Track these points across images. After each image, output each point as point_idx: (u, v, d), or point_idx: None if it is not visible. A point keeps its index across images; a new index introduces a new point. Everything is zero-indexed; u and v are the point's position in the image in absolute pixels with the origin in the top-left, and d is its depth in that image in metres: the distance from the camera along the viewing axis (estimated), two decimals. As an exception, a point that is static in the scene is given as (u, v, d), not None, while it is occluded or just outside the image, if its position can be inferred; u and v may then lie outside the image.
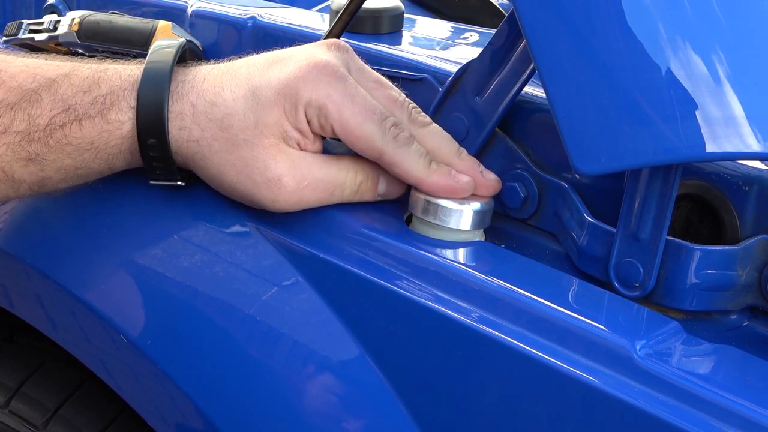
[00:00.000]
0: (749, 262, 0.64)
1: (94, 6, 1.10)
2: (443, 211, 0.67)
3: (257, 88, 0.66)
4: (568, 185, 0.71)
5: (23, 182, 0.68)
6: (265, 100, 0.66)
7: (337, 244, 0.68)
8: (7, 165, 0.67)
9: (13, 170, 0.67)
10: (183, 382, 0.70)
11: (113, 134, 0.67)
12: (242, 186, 0.67)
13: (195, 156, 0.67)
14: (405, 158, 0.67)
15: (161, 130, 0.66)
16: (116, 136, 0.67)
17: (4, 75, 0.67)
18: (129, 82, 0.68)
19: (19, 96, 0.66)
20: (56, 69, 0.68)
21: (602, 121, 0.60)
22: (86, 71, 0.68)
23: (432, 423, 0.63)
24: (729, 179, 0.66)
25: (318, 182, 0.67)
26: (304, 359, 0.66)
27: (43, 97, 0.67)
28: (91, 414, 0.89)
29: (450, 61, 0.81)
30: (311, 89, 0.66)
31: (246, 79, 0.67)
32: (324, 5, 1.33)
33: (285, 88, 0.66)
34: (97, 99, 0.67)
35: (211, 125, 0.66)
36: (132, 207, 0.76)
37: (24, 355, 0.92)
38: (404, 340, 0.64)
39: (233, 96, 0.66)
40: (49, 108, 0.66)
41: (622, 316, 0.60)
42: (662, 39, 0.58)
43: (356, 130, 0.66)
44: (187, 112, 0.67)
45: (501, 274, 0.62)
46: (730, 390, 0.53)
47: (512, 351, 0.58)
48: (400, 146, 0.67)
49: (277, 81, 0.66)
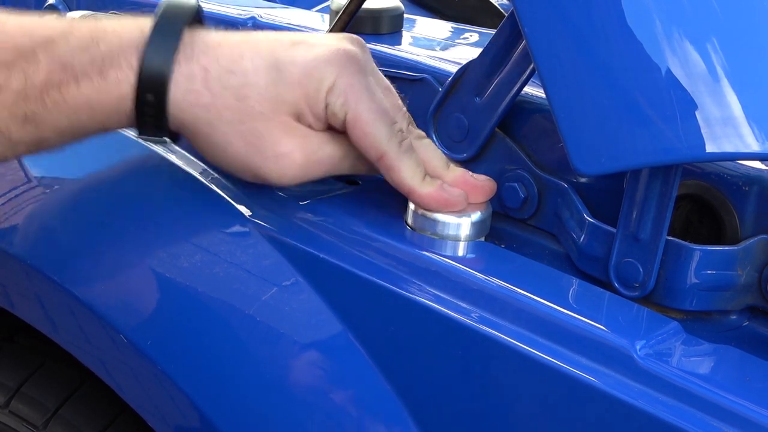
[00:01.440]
0: (749, 262, 0.64)
1: (94, 6, 1.10)
2: (441, 226, 0.67)
3: (282, 63, 0.65)
4: (568, 185, 0.71)
5: (21, 142, 0.66)
6: (290, 76, 0.65)
7: (337, 244, 0.68)
8: (4, 125, 0.64)
9: (10, 130, 0.65)
10: (183, 382, 0.70)
11: (111, 93, 0.65)
12: (249, 158, 0.65)
13: (199, 121, 0.65)
14: (404, 165, 0.67)
15: (162, 88, 0.64)
16: (114, 96, 0.65)
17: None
18: (132, 39, 0.65)
19: (16, 54, 0.64)
20: (54, 27, 0.65)
21: (602, 121, 0.60)
22: (84, 29, 0.65)
23: (432, 423, 0.63)
24: (729, 179, 0.66)
25: (326, 157, 0.67)
26: (304, 359, 0.66)
27: (39, 55, 0.64)
28: (91, 414, 0.89)
29: (450, 61, 0.81)
30: (338, 74, 0.65)
31: (270, 51, 0.65)
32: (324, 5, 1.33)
33: (312, 70, 0.65)
34: (96, 57, 0.64)
35: (225, 93, 0.64)
36: (132, 207, 0.76)
37: (24, 355, 0.92)
38: (404, 341, 0.64)
39: (254, 66, 0.64)
40: (45, 66, 0.64)
41: (622, 316, 0.60)
42: (662, 39, 0.58)
43: (367, 126, 0.66)
44: (197, 75, 0.64)
45: (501, 274, 0.62)
46: (730, 390, 0.53)
47: (512, 351, 0.58)
48: (403, 152, 0.67)
49: (304, 60, 0.65)
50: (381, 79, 0.70)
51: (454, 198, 0.68)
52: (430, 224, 0.67)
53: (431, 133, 0.77)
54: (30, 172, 0.85)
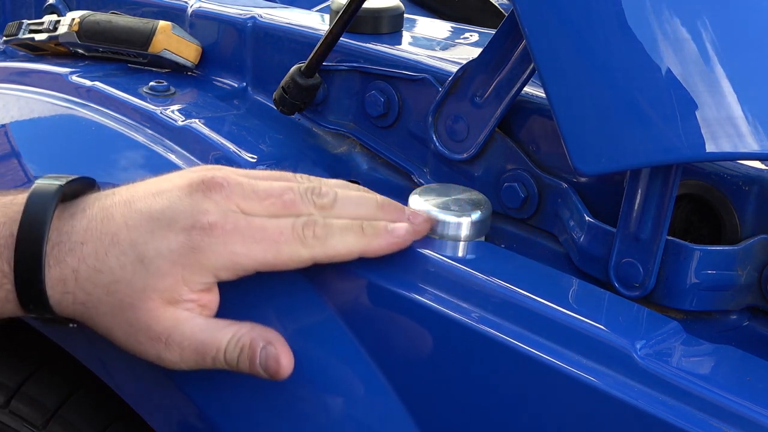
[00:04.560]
0: (749, 262, 0.64)
1: (94, 6, 1.10)
2: (441, 226, 0.66)
3: (145, 257, 0.63)
4: (568, 185, 0.71)
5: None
6: (156, 269, 0.63)
7: (337, 244, 0.68)
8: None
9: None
10: (183, 382, 0.70)
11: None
12: (129, 345, 0.65)
13: (83, 316, 0.65)
14: (335, 246, 0.64)
15: (42, 300, 0.64)
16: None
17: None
18: (2, 244, 0.64)
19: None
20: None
21: (602, 121, 0.60)
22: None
23: (432, 423, 0.63)
24: (729, 179, 0.66)
25: (198, 344, 0.64)
26: (304, 358, 0.66)
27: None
28: (91, 414, 0.89)
29: (450, 61, 0.81)
30: (212, 257, 0.63)
31: (130, 246, 0.64)
32: (324, 5, 1.33)
33: (181, 259, 0.63)
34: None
35: (96, 290, 0.64)
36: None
37: (24, 355, 0.92)
38: (404, 340, 0.64)
39: (119, 264, 0.64)
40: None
41: (622, 316, 0.60)
42: (662, 39, 0.58)
43: (276, 262, 0.64)
44: (69, 278, 0.64)
45: (501, 274, 0.62)
46: (730, 390, 0.53)
47: (512, 351, 0.58)
48: (325, 241, 0.64)
49: (169, 251, 0.63)
50: (251, 191, 0.66)
51: (402, 237, 0.65)
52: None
53: (431, 132, 0.77)
54: (30, 173, 0.85)
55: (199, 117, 0.85)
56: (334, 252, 0.64)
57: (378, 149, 0.84)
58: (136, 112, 0.87)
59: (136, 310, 0.64)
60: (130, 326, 0.64)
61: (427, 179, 0.80)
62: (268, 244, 0.63)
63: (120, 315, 0.64)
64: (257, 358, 0.64)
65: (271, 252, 0.63)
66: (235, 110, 0.92)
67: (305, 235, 0.64)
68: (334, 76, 0.86)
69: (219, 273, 0.64)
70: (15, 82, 0.98)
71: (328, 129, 0.88)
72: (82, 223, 0.65)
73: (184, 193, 0.64)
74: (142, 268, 0.63)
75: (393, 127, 0.83)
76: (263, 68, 0.95)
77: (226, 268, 0.63)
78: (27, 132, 0.92)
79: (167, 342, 0.64)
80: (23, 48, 1.07)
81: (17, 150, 0.88)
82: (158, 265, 0.63)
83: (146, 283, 0.63)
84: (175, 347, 0.64)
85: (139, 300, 0.63)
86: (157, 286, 0.63)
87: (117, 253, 0.64)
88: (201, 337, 0.64)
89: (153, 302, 0.64)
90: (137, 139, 0.85)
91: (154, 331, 0.64)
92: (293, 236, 0.64)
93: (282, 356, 0.64)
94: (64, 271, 0.64)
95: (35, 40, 1.03)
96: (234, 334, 0.65)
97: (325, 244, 0.64)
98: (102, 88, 0.91)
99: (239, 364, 0.64)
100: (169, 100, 0.90)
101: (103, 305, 0.64)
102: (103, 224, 0.65)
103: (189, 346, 0.64)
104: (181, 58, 0.98)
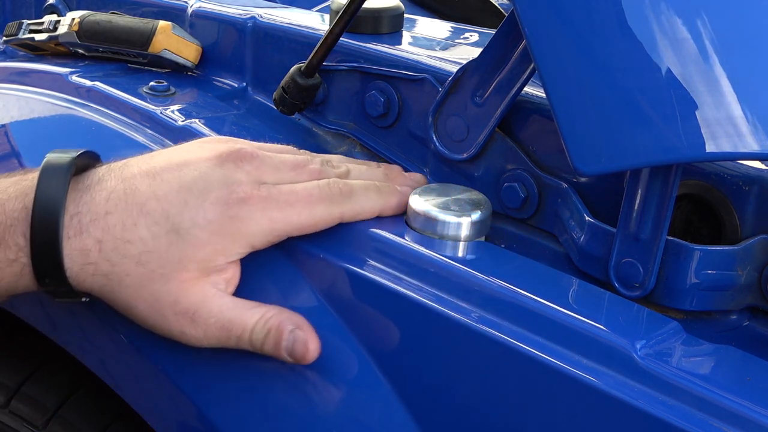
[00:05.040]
0: (749, 262, 0.64)
1: (94, 6, 1.10)
2: (441, 226, 0.66)
3: (180, 228, 0.63)
4: (568, 185, 0.71)
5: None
6: (194, 239, 0.63)
7: (337, 244, 0.68)
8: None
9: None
10: (183, 382, 0.70)
11: (5, 271, 0.63)
12: (152, 319, 0.64)
13: (102, 289, 0.64)
14: (361, 203, 0.68)
15: (59, 271, 0.63)
16: (9, 273, 0.64)
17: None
18: (15, 217, 0.63)
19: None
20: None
21: (602, 121, 0.60)
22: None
23: (432, 423, 0.63)
24: (729, 179, 0.66)
25: (225, 321, 0.64)
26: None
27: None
28: (91, 414, 0.89)
29: (450, 61, 0.81)
30: (252, 224, 0.64)
31: (163, 216, 0.63)
32: (324, 5, 1.33)
33: (220, 229, 0.63)
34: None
35: (125, 261, 0.63)
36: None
37: (24, 355, 0.92)
38: (404, 340, 0.64)
39: (151, 234, 0.63)
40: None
41: (622, 316, 0.60)
42: (662, 39, 0.58)
43: (310, 222, 0.66)
44: (92, 248, 0.63)
45: (501, 274, 0.62)
46: (730, 390, 0.53)
47: (512, 351, 0.58)
48: (350, 197, 0.67)
49: (207, 222, 0.63)
50: (274, 164, 0.68)
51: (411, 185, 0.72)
52: (430, 224, 0.67)
53: (431, 132, 0.77)
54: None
55: (199, 117, 0.85)
56: (360, 208, 0.68)
57: (378, 149, 0.84)
58: (136, 112, 0.87)
59: (168, 281, 0.63)
60: (156, 300, 0.64)
61: (427, 179, 0.80)
62: (302, 206, 0.66)
63: (147, 287, 0.63)
64: (283, 341, 0.64)
65: (304, 213, 0.66)
66: (235, 110, 0.92)
67: (333, 193, 0.67)
68: (334, 76, 0.86)
69: (255, 241, 0.65)
70: (15, 82, 0.98)
71: (328, 129, 0.88)
72: (102, 195, 0.64)
73: (214, 164, 0.66)
74: (179, 239, 0.63)
75: (393, 127, 0.83)
76: (263, 68, 0.95)
77: (264, 235, 0.65)
78: (27, 132, 0.92)
79: (194, 317, 0.64)
80: (23, 48, 1.07)
81: (17, 150, 0.88)
82: (195, 235, 0.63)
83: (183, 254, 0.63)
84: (201, 323, 0.64)
85: (173, 270, 0.63)
86: (195, 257, 0.63)
87: (148, 224, 0.63)
88: (229, 315, 0.65)
89: (188, 273, 0.63)
90: (137, 139, 0.85)
91: (182, 305, 0.64)
92: (322, 196, 0.66)
93: (310, 341, 0.65)
94: (86, 242, 0.63)
95: (35, 40, 1.03)
96: (263, 315, 0.65)
97: (352, 200, 0.67)
98: (102, 88, 0.91)
99: (264, 345, 0.65)
100: (169, 100, 0.90)
101: (129, 277, 0.63)
102: (127, 195, 0.64)
103: (215, 324, 0.64)
104: (181, 58, 0.98)
